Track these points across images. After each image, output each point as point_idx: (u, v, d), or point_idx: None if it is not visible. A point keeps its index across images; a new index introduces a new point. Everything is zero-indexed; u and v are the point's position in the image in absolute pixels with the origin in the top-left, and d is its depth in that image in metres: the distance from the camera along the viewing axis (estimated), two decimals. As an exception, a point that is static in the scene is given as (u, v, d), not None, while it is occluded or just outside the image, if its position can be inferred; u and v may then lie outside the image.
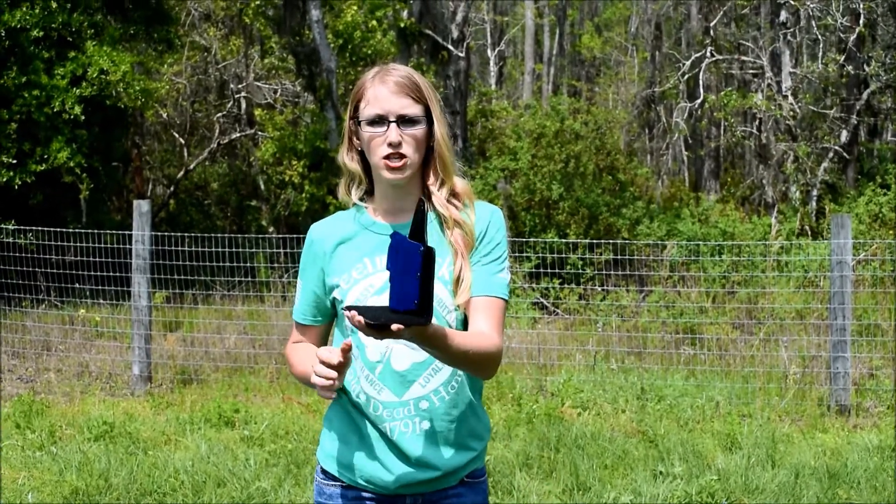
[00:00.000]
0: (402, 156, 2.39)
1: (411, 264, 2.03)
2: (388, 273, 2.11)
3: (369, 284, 2.43)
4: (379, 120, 2.39)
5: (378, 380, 2.42)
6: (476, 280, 2.44)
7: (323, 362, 2.25)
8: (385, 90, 2.40)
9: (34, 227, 9.78)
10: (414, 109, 2.40)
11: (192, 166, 20.08)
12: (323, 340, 2.61)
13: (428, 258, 2.02)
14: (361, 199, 2.53)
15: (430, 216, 2.42)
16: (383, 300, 2.28)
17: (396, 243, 2.09)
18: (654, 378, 8.30)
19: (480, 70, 30.96)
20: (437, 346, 2.18)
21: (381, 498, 2.49)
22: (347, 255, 2.48)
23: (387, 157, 2.39)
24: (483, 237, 2.48)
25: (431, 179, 2.48)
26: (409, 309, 2.03)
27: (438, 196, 2.46)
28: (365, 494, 2.49)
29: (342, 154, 2.53)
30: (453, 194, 2.49)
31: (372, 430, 2.45)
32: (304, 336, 2.60)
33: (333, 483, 2.52)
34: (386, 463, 2.45)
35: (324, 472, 2.55)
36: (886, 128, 21.34)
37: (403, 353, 2.42)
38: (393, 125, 2.38)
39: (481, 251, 2.47)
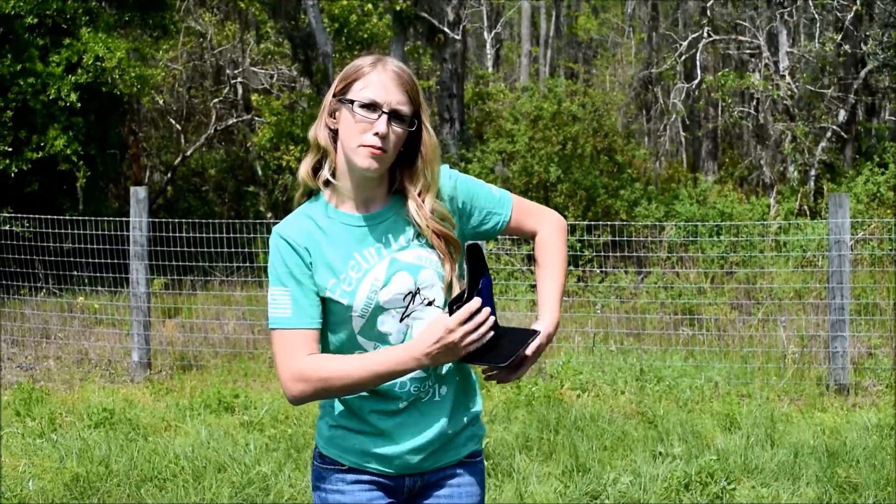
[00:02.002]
0: (383, 149, 2.36)
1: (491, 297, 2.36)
2: (386, 261, 2.39)
3: (374, 279, 2.41)
4: (372, 106, 2.35)
5: None
6: (490, 206, 2.59)
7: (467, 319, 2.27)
8: (387, 79, 2.37)
9: (31, 215, 9.77)
10: (407, 108, 2.38)
11: (189, 152, 20.05)
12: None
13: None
14: (326, 183, 2.47)
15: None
16: (395, 285, 2.41)
17: (488, 285, 2.36)
18: (653, 359, 8.31)
19: (477, 53, 30.88)
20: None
21: (380, 480, 2.50)
22: (335, 253, 2.43)
23: (369, 144, 2.36)
24: (463, 209, 2.55)
25: (413, 187, 2.45)
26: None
27: (422, 207, 2.44)
28: (365, 477, 2.49)
29: (317, 129, 2.45)
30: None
31: (378, 418, 2.45)
32: (312, 345, 2.40)
33: (333, 467, 2.51)
34: (392, 439, 2.46)
35: (322, 456, 2.54)
36: (884, 107, 21.28)
37: (422, 325, 2.44)
38: (385, 116, 2.35)
39: (476, 215, 2.57)
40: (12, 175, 12.76)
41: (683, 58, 19.02)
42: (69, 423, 7.02)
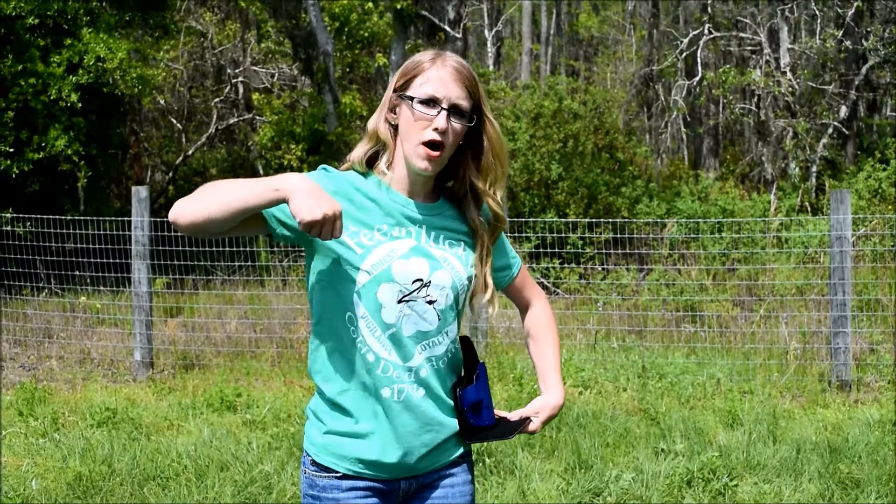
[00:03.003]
0: (441, 145, 2.39)
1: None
2: (412, 243, 2.44)
3: (391, 249, 2.42)
4: (432, 102, 2.38)
5: (388, 341, 2.42)
6: (507, 259, 2.69)
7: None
8: (446, 74, 2.39)
9: (32, 216, 9.78)
10: (466, 103, 2.41)
11: (190, 152, 20.06)
12: (250, 228, 2.44)
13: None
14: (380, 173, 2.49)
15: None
16: (411, 265, 2.43)
17: (484, 373, 2.58)
18: (655, 356, 8.31)
19: (478, 51, 30.85)
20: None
21: (375, 485, 2.48)
22: (367, 214, 2.44)
23: (428, 143, 2.39)
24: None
25: (483, 182, 2.50)
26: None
27: (495, 199, 2.53)
28: (360, 483, 2.47)
29: (377, 120, 2.47)
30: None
31: (367, 410, 2.44)
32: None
33: (327, 474, 2.48)
34: (383, 443, 2.44)
35: (315, 464, 2.50)
36: (885, 103, 21.29)
37: (414, 320, 2.44)
38: (444, 112, 2.37)
39: (494, 261, 2.65)
40: (14, 176, 12.76)
41: (684, 55, 19.02)
42: (72, 422, 7.03)
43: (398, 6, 15.97)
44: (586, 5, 31.34)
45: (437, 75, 2.39)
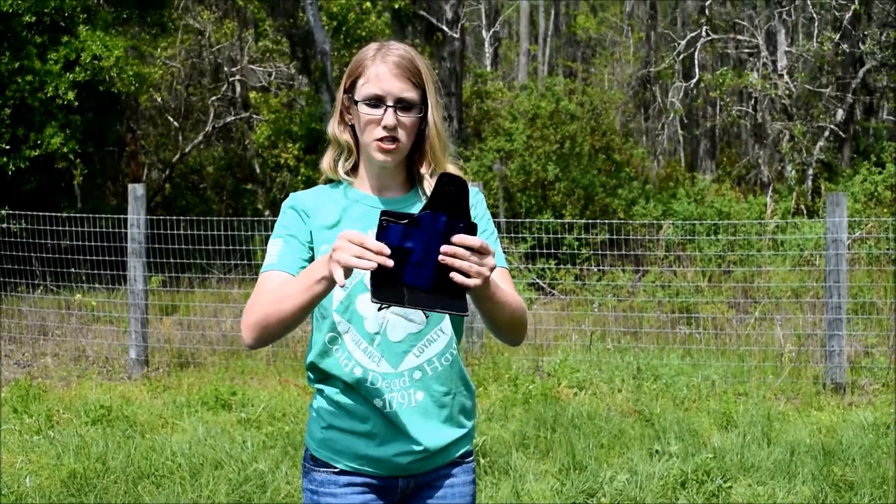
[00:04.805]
0: (395, 139, 2.38)
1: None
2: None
3: None
4: (376, 101, 2.37)
5: (376, 351, 2.42)
6: None
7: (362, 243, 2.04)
8: (386, 70, 2.37)
9: (29, 212, 9.77)
10: (412, 94, 2.38)
11: (187, 150, 20.04)
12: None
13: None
14: (346, 174, 2.50)
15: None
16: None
17: (434, 222, 2.00)
18: (650, 357, 8.31)
19: (475, 51, 30.87)
20: (488, 294, 2.21)
21: (373, 482, 2.48)
22: (342, 222, 2.45)
23: (380, 139, 2.38)
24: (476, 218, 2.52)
25: (423, 166, 2.47)
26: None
27: (430, 183, 2.46)
28: (357, 479, 2.47)
29: (333, 126, 2.49)
30: None
31: (365, 412, 2.44)
32: None
33: (324, 469, 2.49)
34: (382, 442, 2.44)
35: (313, 458, 2.52)
36: (882, 106, 21.32)
37: (399, 323, 2.43)
38: (390, 109, 2.36)
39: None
40: (10, 173, 12.75)
41: (682, 57, 19.03)
42: (66, 420, 7.02)
43: (396, 6, 15.94)
44: (584, 6, 31.34)
45: (377, 73, 2.38)
